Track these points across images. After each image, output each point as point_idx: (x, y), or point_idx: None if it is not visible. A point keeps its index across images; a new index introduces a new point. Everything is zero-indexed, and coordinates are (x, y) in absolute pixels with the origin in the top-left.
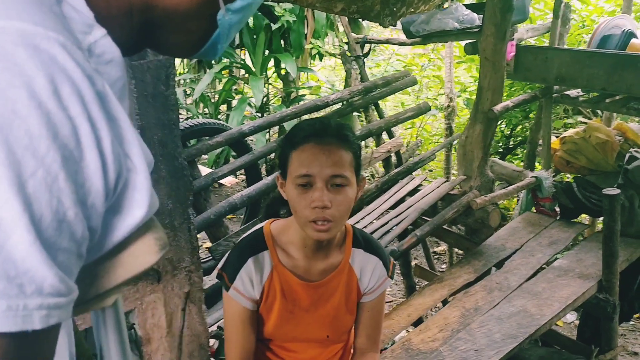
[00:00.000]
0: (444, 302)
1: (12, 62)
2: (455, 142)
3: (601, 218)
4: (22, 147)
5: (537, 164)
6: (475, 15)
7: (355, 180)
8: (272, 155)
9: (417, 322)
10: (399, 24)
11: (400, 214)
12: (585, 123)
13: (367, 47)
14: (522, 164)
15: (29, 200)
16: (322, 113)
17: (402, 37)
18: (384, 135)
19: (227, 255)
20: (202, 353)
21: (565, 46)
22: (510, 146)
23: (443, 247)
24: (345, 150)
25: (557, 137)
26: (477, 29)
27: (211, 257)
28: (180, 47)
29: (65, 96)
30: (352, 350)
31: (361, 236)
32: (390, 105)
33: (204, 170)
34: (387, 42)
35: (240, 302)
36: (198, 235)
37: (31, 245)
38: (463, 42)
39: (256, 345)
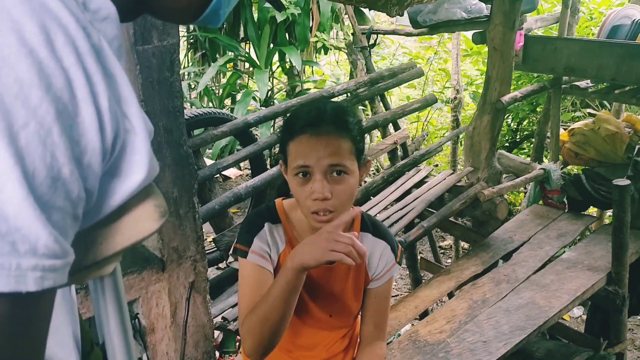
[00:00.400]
0: (450, 294)
1: None
2: (461, 134)
3: (609, 211)
4: (11, 95)
5: (544, 156)
6: (483, 4)
7: (356, 166)
8: (277, 148)
9: (423, 315)
10: (405, 14)
11: (406, 206)
12: (594, 115)
13: (373, 38)
14: (529, 158)
15: (21, 154)
16: None
17: (407, 29)
18: (390, 129)
19: (240, 228)
20: (207, 344)
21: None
22: (517, 140)
23: (449, 241)
24: (343, 137)
25: (565, 129)
26: (485, 19)
27: (216, 249)
28: (180, 13)
29: (59, 46)
30: (358, 340)
31: (369, 220)
32: (396, 100)
33: (210, 163)
34: (394, 32)
35: (259, 263)
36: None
37: (24, 200)
38: (469, 34)
39: None
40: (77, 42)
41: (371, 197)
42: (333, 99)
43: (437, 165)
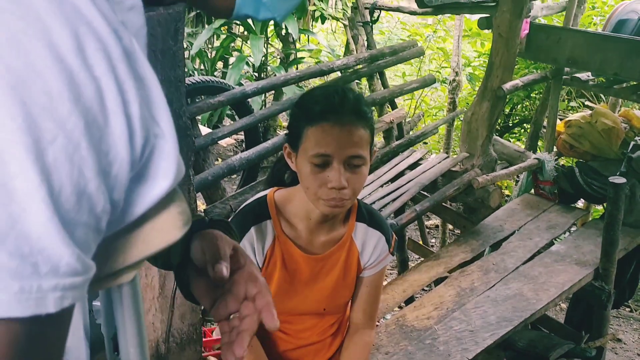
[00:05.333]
0: (438, 280)
1: (28, 9)
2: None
3: (598, 205)
4: (40, 108)
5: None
6: None
7: (369, 156)
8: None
9: (410, 299)
10: None
11: (399, 188)
12: (591, 108)
13: (376, 13)
14: (520, 143)
15: (48, 171)
16: (327, 79)
17: (411, 7)
18: (386, 106)
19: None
20: (193, 316)
21: (580, 28)
22: (510, 125)
23: (435, 221)
24: (363, 128)
25: (561, 119)
26: (492, 3)
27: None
28: (214, 4)
29: (90, 53)
30: (347, 324)
31: (365, 210)
32: (391, 75)
33: (204, 130)
34: (398, 9)
35: None
36: None
37: (48, 220)
38: (473, 17)
39: None
40: (109, 48)
41: None
42: (332, 74)
43: (426, 143)
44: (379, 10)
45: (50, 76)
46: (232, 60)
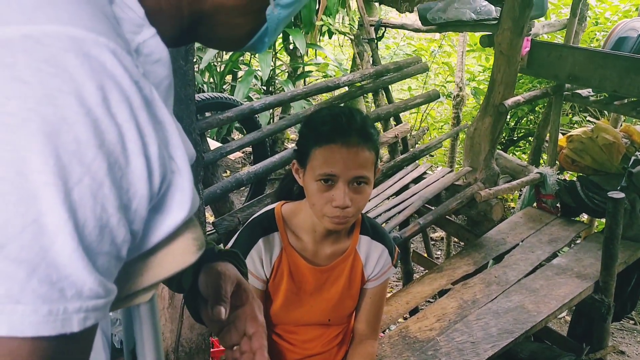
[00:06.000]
0: (441, 292)
1: (62, 69)
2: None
3: (600, 219)
4: (69, 153)
5: (541, 160)
6: (493, 7)
7: (373, 175)
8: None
9: (413, 311)
10: (415, 10)
11: (403, 201)
12: (593, 123)
13: (381, 30)
14: (524, 156)
15: (74, 208)
16: (334, 94)
17: (415, 25)
18: (391, 121)
19: (237, 234)
20: (202, 326)
21: (580, 45)
22: (514, 138)
23: (440, 233)
24: (369, 150)
25: (563, 134)
26: (494, 21)
27: (214, 231)
28: (228, 41)
29: (114, 103)
30: (351, 335)
31: (369, 223)
32: (397, 88)
33: (213, 144)
34: (402, 27)
35: (250, 282)
36: None
37: (74, 251)
38: (477, 33)
39: None
40: (130, 98)
41: None
42: (338, 90)
43: (432, 156)
44: (384, 28)
45: (79, 126)
46: (240, 74)
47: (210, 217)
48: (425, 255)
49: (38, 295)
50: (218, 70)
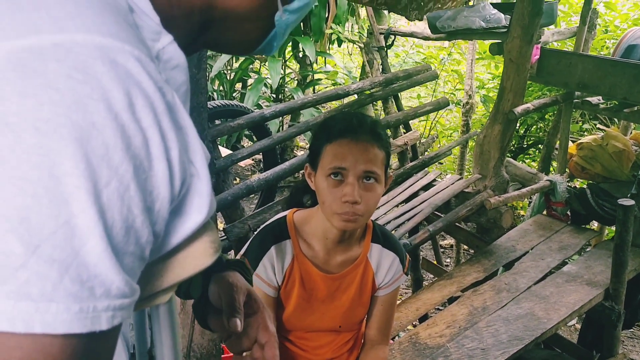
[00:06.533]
0: (451, 299)
1: (91, 76)
2: (470, 139)
3: (610, 226)
4: (98, 157)
5: (551, 168)
6: (502, 15)
7: (384, 177)
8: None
9: (423, 318)
10: (424, 18)
11: (413, 208)
12: (603, 130)
13: (390, 38)
14: (534, 164)
15: (103, 209)
16: (343, 102)
17: (424, 33)
18: (400, 128)
19: (249, 241)
20: (214, 332)
21: (590, 52)
22: (524, 146)
23: (449, 241)
24: (378, 148)
25: (573, 141)
26: (503, 29)
27: (225, 238)
28: (238, 46)
29: (139, 108)
30: (362, 340)
31: (380, 232)
32: (406, 96)
33: (223, 151)
34: (412, 35)
35: (262, 289)
36: None
37: (103, 251)
38: (486, 41)
39: None
40: (154, 104)
41: None
42: (348, 97)
43: (441, 164)
44: (393, 36)
45: (107, 130)
46: (250, 81)
47: (220, 224)
48: (435, 262)
49: (69, 293)
50: (228, 78)
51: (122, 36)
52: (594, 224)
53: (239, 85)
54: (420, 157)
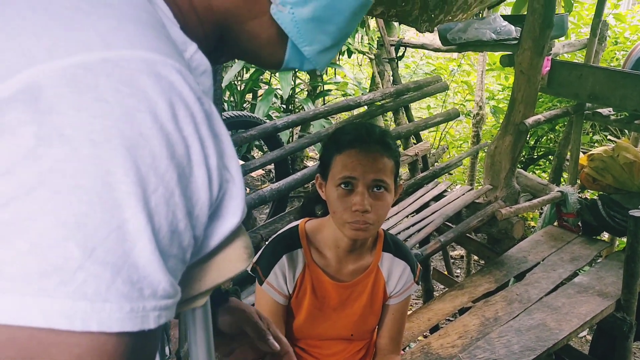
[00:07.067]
0: (462, 309)
1: (138, 89)
2: (481, 150)
3: (621, 237)
4: (147, 166)
5: (562, 179)
6: (513, 27)
7: (394, 186)
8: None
9: (434, 328)
10: (435, 30)
11: (424, 219)
12: (614, 141)
13: (401, 50)
14: (545, 175)
15: (151, 214)
16: (354, 113)
17: (435, 44)
18: (411, 139)
19: (262, 249)
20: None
21: (600, 64)
22: (535, 157)
23: (459, 252)
24: (387, 157)
25: (584, 152)
26: (514, 41)
27: None
28: (264, 60)
29: (181, 118)
30: (374, 349)
31: (391, 240)
32: (416, 107)
33: None
34: (422, 47)
35: (273, 297)
36: None
37: (151, 254)
38: (496, 53)
39: None
40: (194, 113)
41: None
42: (359, 108)
43: (451, 174)
44: (404, 47)
45: (153, 140)
46: (260, 92)
47: None
48: (446, 273)
49: (122, 294)
50: (238, 88)
51: (163, 50)
52: (605, 235)
53: (249, 96)
54: (430, 167)
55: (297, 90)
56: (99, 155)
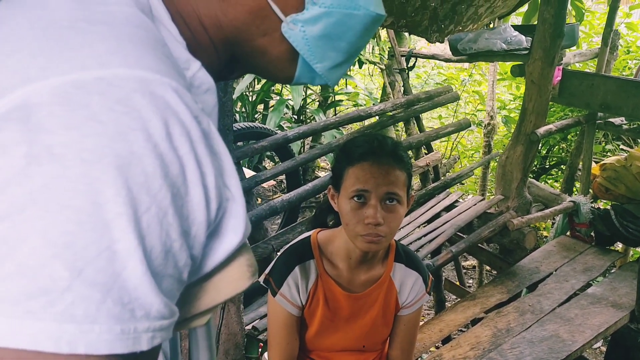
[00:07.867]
0: (474, 320)
1: (131, 108)
2: (492, 160)
3: (635, 248)
4: (138, 185)
5: (574, 189)
6: (523, 37)
7: (406, 198)
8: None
9: (446, 339)
10: (445, 40)
11: (436, 229)
12: (626, 151)
13: (412, 61)
14: (557, 184)
15: (143, 235)
16: (365, 123)
17: (445, 55)
18: (422, 149)
19: (274, 261)
20: (237, 352)
21: (612, 74)
22: (546, 167)
23: (471, 262)
24: (400, 169)
25: (596, 162)
26: (524, 51)
27: None
28: (275, 75)
29: (176, 137)
30: None
31: (403, 251)
32: (427, 117)
33: (247, 172)
34: (433, 57)
35: (286, 308)
36: None
37: (143, 275)
38: (507, 63)
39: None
40: (190, 132)
41: None
42: (370, 119)
43: (463, 184)
44: (414, 58)
45: (146, 159)
46: (272, 103)
47: None
48: (458, 283)
49: (112, 315)
50: (250, 99)
51: (160, 69)
52: (619, 245)
53: (260, 107)
54: (442, 178)
55: (309, 100)
56: (89, 174)
